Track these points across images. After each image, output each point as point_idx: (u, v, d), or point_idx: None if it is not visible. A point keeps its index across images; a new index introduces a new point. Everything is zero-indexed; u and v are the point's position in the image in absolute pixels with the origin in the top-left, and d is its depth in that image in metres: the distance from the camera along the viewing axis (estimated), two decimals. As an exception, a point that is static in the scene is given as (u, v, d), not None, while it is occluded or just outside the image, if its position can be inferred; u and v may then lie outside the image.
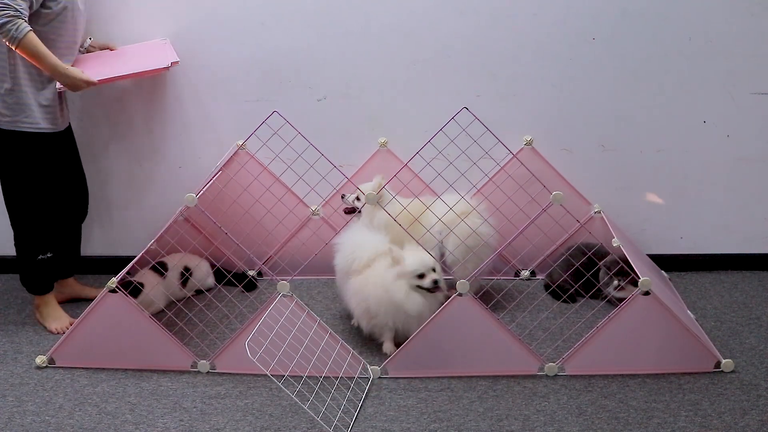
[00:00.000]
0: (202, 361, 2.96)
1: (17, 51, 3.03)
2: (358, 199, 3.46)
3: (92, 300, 2.96)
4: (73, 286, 3.68)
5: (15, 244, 3.34)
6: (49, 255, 3.34)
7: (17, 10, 2.98)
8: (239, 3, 3.61)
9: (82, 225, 3.67)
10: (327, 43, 3.66)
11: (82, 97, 3.65)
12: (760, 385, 2.81)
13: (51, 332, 3.33)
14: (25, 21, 3.01)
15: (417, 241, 2.92)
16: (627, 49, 3.61)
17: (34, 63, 3.08)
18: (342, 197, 3.49)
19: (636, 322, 2.83)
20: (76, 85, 3.15)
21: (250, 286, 3.65)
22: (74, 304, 3.57)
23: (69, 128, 3.43)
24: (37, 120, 3.16)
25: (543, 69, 3.65)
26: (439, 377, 2.90)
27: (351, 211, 3.46)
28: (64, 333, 3.22)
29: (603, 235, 3.50)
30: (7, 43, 3.01)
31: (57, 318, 3.36)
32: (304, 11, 3.62)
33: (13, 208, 3.27)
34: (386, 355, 2.99)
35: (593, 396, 2.76)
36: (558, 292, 3.36)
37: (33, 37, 3.02)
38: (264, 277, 3.83)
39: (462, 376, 2.90)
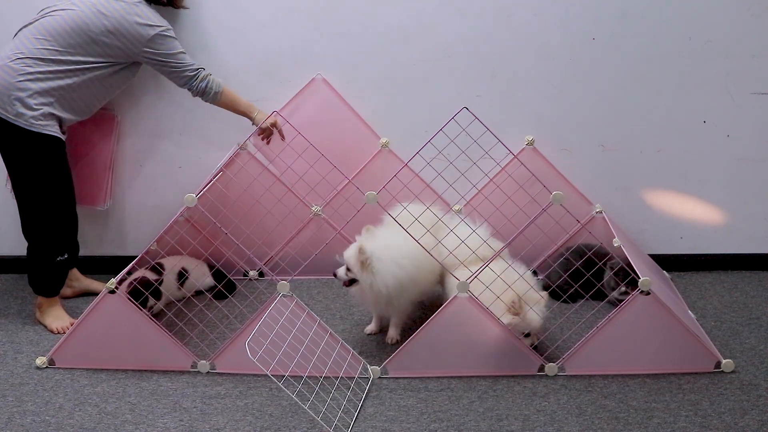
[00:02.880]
0: (202, 361, 2.96)
1: (218, 102, 3.42)
2: (348, 270, 3.02)
3: None
4: (82, 280, 3.69)
5: (30, 247, 3.32)
6: (66, 256, 3.35)
7: (197, 67, 3.32)
8: (240, 3, 3.62)
9: (83, 226, 3.67)
10: (327, 43, 3.66)
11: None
12: (760, 385, 2.81)
13: (51, 332, 3.33)
14: (209, 73, 3.36)
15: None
16: (627, 49, 3.61)
17: (229, 109, 3.47)
18: (334, 275, 3.06)
19: (636, 322, 2.83)
20: (269, 128, 3.51)
21: (230, 288, 3.59)
22: (75, 305, 3.57)
23: None
24: (56, 128, 3.22)
25: (543, 69, 3.66)
26: (439, 377, 2.90)
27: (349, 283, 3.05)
28: (64, 333, 3.22)
29: (604, 235, 3.50)
30: (203, 99, 3.40)
31: (58, 317, 3.37)
32: (304, 11, 3.63)
33: (32, 212, 3.26)
34: (387, 355, 2.98)
35: (593, 396, 2.76)
36: (558, 292, 3.36)
37: (227, 90, 3.42)
38: (265, 277, 3.83)
39: (462, 376, 2.90)
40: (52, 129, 3.18)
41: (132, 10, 3.19)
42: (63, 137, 3.26)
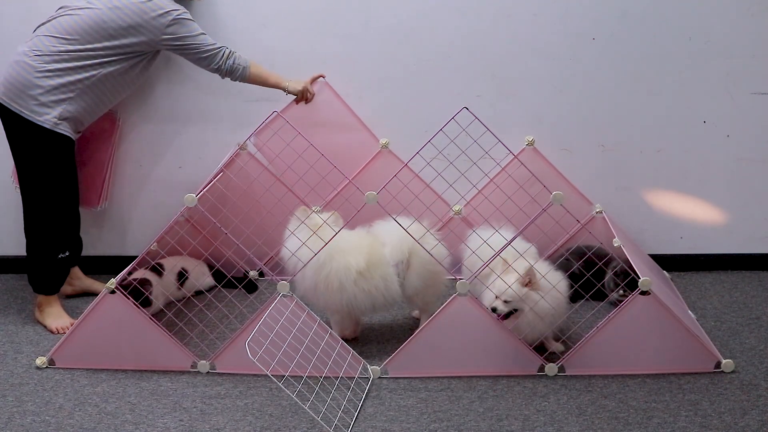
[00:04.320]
0: (202, 361, 2.96)
1: (247, 79, 3.42)
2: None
3: None
4: (83, 279, 3.69)
5: (31, 244, 3.32)
6: (67, 253, 3.35)
7: (217, 45, 3.32)
8: (240, 3, 3.62)
9: (84, 226, 3.68)
10: (327, 43, 3.66)
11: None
12: (760, 385, 2.81)
13: (51, 332, 3.32)
14: (234, 51, 3.38)
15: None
16: (627, 49, 3.61)
17: (259, 84, 3.47)
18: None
19: (636, 322, 2.83)
20: (303, 91, 3.54)
21: (251, 287, 3.65)
22: (75, 305, 3.57)
23: None
24: (68, 128, 3.22)
25: (543, 69, 3.66)
26: (439, 377, 2.90)
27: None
28: (64, 333, 3.22)
29: (604, 236, 3.50)
30: (231, 79, 3.40)
31: (58, 317, 3.36)
32: (304, 11, 3.63)
33: (35, 208, 3.27)
34: (387, 355, 2.98)
35: (593, 396, 2.76)
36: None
37: (254, 64, 3.42)
38: (265, 277, 3.83)
39: (462, 376, 2.90)
40: (64, 128, 3.19)
41: None
42: (74, 137, 3.26)
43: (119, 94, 3.38)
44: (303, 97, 3.58)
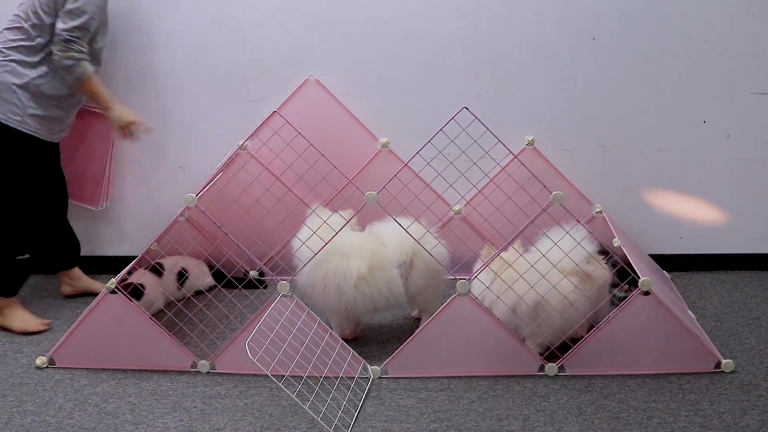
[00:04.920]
0: (202, 361, 2.96)
1: (80, 87, 3.23)
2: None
3: None
4: (82, 279, 3.68)
5: None
6: (27, 256, 3.32)
7: (83, 52, 3.16)
8: (239, 3, 3.62)
9: (83, 226, 3.68)
10: (327, 43, 3.66)
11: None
12: (760, 385, 2.81)
13: (17, 332, 3.28)
14: (89, 61, 3.20)
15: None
16: (627, 49, 3.61)
17: (91, 99, 3.30)
18: None
19: (636, 322, 2.83)
20: (127, 123, 3.30)
21: (254, 286, 3.63)
22: (75, 305, 3.57)
23: None
24: (39, 127, 3.21)
25: (543, 69, 3.66)
26: (439, 377, 2.90)
27: None
28: (31, 332, 3.24)
29: (604, 235, 3.50)
30: (71, 80, 3.20)
31: (25, 320, 3.33)
32: (304, 11, 3.63)
33: None
34: (387, 355, 2.98)
35: (593, 396, 2.76)
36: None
37: (96, 81, 3.23)
38: (265, 277, 3.83)
39: (462, 376, 2.90)
40: (29, 127, 3.17)
41: None
42: (48, 137, 3.24)
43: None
44: (124, 128, 3.33)
